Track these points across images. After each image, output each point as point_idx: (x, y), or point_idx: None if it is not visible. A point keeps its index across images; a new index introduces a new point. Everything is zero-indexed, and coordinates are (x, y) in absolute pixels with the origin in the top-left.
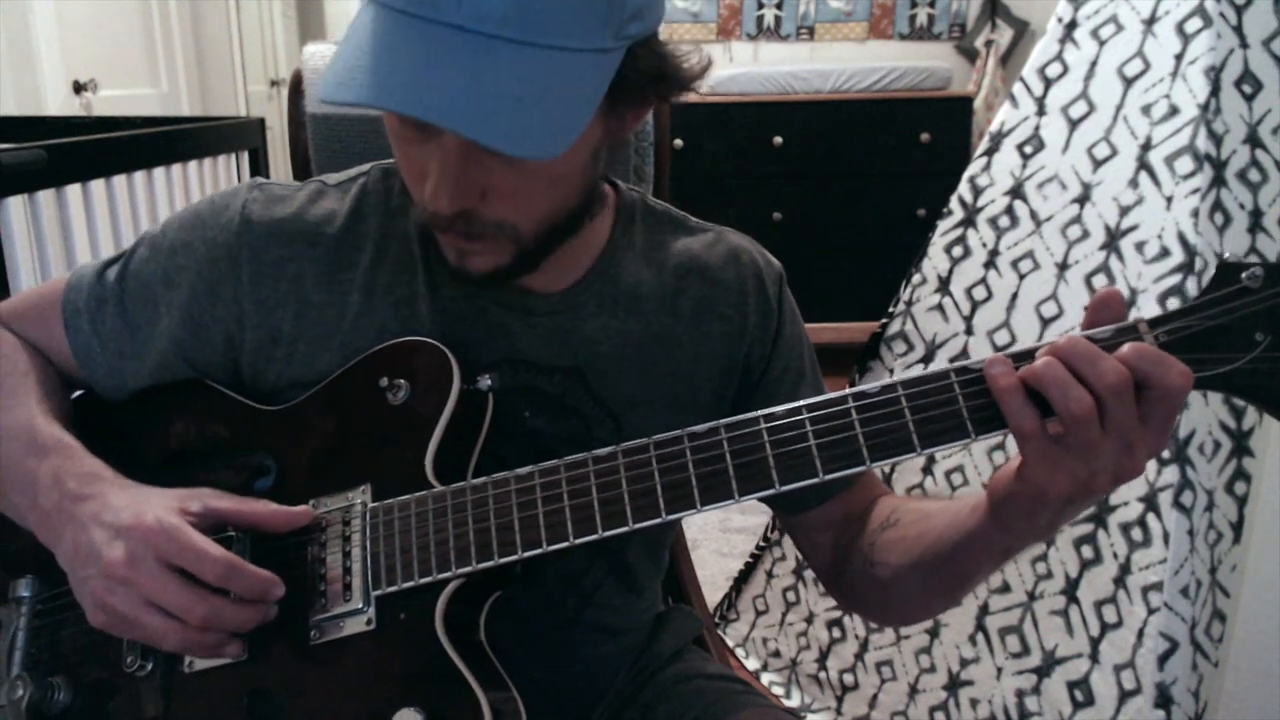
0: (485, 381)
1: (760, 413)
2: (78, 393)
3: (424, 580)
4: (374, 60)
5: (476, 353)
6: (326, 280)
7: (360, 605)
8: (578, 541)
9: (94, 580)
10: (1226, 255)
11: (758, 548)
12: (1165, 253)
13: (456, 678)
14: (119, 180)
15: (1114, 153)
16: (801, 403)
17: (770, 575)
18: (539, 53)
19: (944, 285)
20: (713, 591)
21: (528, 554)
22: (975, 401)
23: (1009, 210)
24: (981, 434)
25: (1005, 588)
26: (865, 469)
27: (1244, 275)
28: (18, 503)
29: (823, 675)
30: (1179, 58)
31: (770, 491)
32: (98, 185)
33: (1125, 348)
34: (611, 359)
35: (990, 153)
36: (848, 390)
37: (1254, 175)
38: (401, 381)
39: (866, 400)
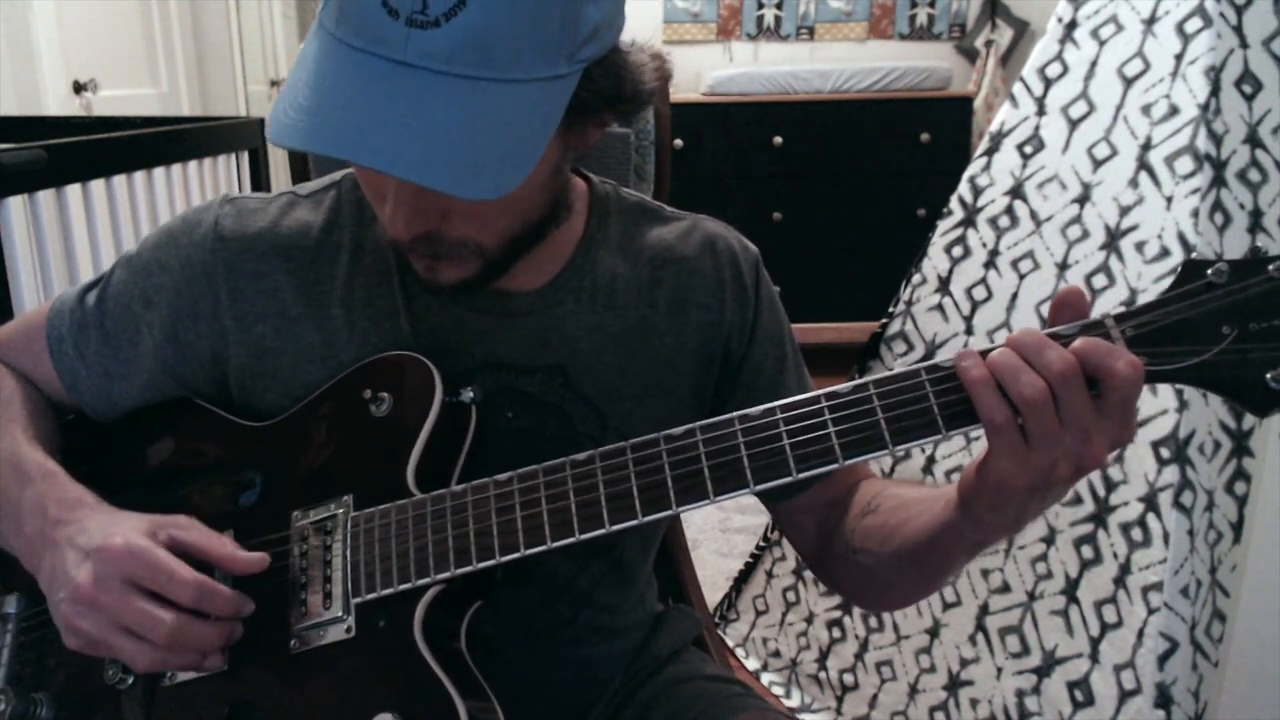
0: (468, 394)
1: (735, 414)
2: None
3: (403, 586)
4: (318, 99)
5: (457, 360)
6: (304, 293)
7: (340, 613)
8: (555, 545)
9: (64, 604)
10: (1194, 254)
11: (758, 548)
12: (1165, 253)
13: (435, 685)
14: (119, 180)
15: (1114, 153)
16: (776, 403)
17: (770, 575)
18: (489, 87)
19: (944, 285)
20: (713, 591)
21: (505, 558)
22: (945, 399)
23: (1009, 210)
24: (952, 430)
25: (1005, 588)
26: (838, 467)
27: (1209, 271)
28: (4, 530)
29: (823, 675)
30: (1179, 58)
31: (745, 491)
32: (98, 185)
33: (1076, 341)
34: (592, 354)
35: (990, 153)
36: (820, 390)
37: (1254, 175)
38: (384, 394)
39: (839, 400)
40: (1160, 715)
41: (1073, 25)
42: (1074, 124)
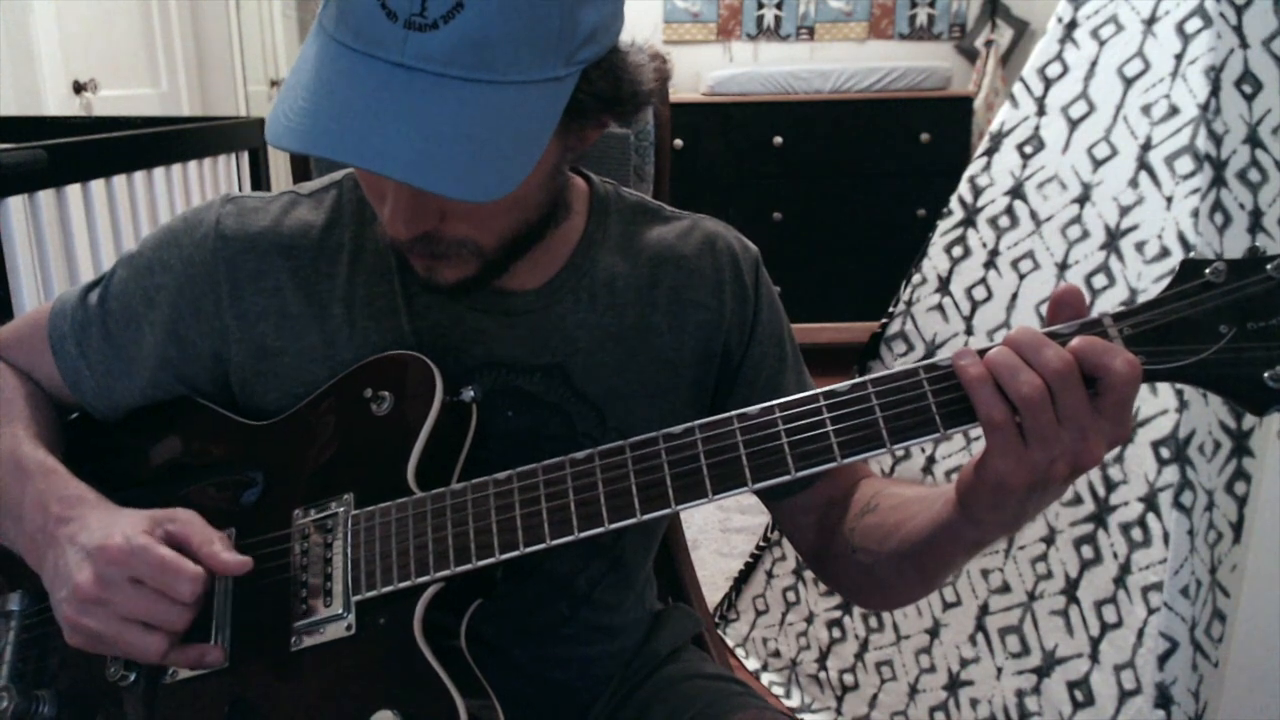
0: (469, 393)
1: (734, 413)
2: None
3: (403, 585)
4: (316, 101)
5: (456, 359)
6: (305, 292)
7: (340, 611)
8: (554, 543)
9: (66, 604)
10: (1193, 254)
11: (758, 548)
12: (1165, 253)
13: (435, 683)
14: (119, 180)
15: (1114, 153)
16: (774, 402)
17: (770, 575)
18: (487, 89)
19: (944, 285)
20: (713, 591)
21: (505, 557)
22: (943, 397)
23: (1009, 210)
24: (950, 428)
25: (1005, 588)
26: (836, 465)
27: (1207, 271)
28: (6, 528)
29: (823, 675)
30: (1179, 58)
31: (743, 490)
32: (98, 185)
33: (1074, 339)
34: (591, 353)
35: (990, 153)
36: (819, 389)
37: (1254, 175)
38: (385, 393)
39: (837, 399)
40: (1160, 715)
41: (1073, 25)
42: (1074, 124)
